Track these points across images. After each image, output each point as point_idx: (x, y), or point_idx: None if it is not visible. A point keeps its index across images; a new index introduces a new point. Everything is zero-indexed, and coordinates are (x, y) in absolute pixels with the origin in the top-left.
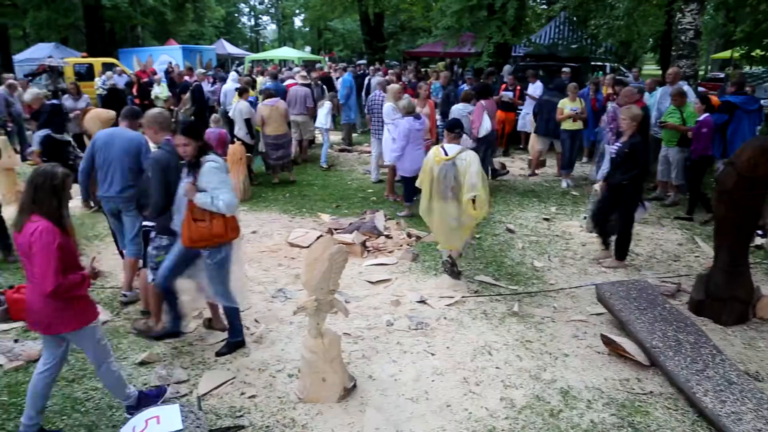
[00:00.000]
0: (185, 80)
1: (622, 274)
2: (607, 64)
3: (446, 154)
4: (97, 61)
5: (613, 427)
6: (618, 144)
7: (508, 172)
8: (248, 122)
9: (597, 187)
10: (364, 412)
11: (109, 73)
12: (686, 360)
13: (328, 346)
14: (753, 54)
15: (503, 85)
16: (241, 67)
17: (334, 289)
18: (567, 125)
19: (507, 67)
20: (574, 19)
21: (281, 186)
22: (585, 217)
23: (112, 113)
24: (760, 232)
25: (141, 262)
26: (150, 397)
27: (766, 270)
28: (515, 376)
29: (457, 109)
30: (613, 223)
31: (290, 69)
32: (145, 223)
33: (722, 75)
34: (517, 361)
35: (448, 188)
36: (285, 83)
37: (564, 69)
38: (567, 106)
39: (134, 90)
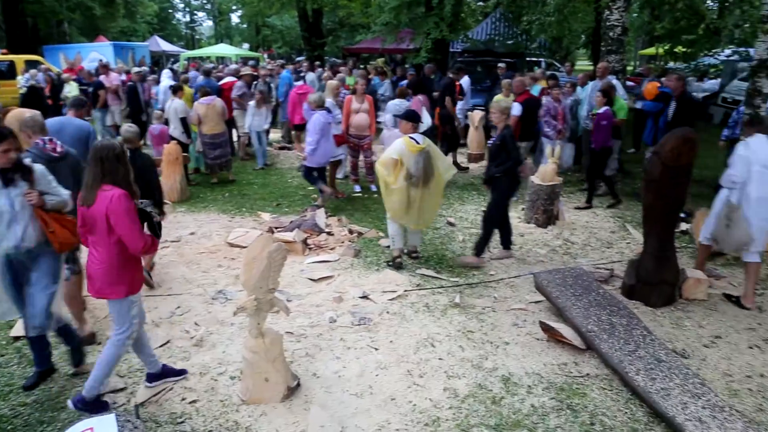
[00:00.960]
0: (95, 80)
1: (557, 263)
2: (542, 59)
3: (418, 143)
4: (19, 59)
5: (552, 410)
6: (493, 138)
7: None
8: (184, 121)
9: (532, 178)
10: (309, 410)
11: (33, 71)
12: (619, 342)
13: (269, 345)
14: (676, 50)
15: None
16: (177, 64)
17: (274, 287)
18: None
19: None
20: (510, 15)
21: (220, 186)
22: (523, 209)
23: (33, 113)
24: (683, 215)
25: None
26: (172, 372)
27: (690, 254)
28: (458, 366)
29: (393, 105)
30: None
31: (227, 66)
32: None
33: (642, 71)
34: (460, 352)
35: (424, 174)
36: (221, 81)
37: (500, 64)
38: (501, 101)
39: (47, 90)
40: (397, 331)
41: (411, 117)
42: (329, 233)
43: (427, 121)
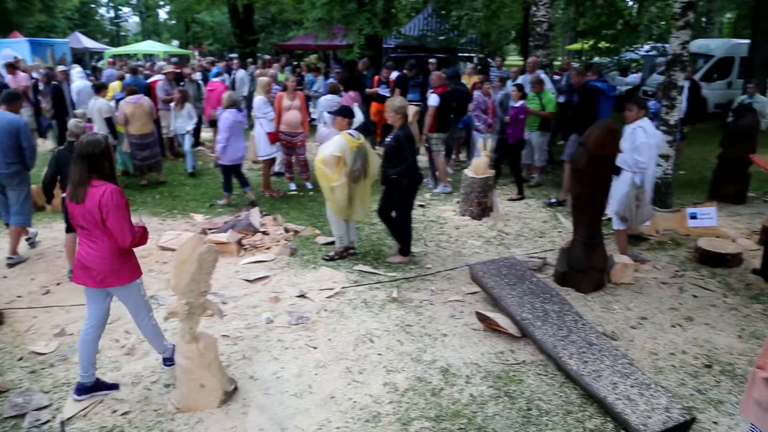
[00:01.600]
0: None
1: (492, 254)
2: (473, 54)
3: (357, 138)
4: None
5: (491, 399)
6: (388, 138)
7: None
8: (109, 121)
9: (466, 171)
10: (247, 414)
11: None
12: (553, 328)
13: (203, 350)
14: (599, 46)
15: (376, 78)
16: (101, 62)
17: (205, 290)
18: None
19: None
20: (442, 12)
21: (150, 187)
22: (458, 202)
23: None
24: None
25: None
26: (102, 386)
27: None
28: (397, 360)
29: (325, 100)
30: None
31: (155, 64)
32: None
33: (576, 65)
34: (399, 346)
35: (363, 168)
36: (150, 80)
37: (431, 60)
38: (395, 101)
39: None
40: (336, 328)
41: (346, 113)
42: (264, 233)
43: (359, 117)
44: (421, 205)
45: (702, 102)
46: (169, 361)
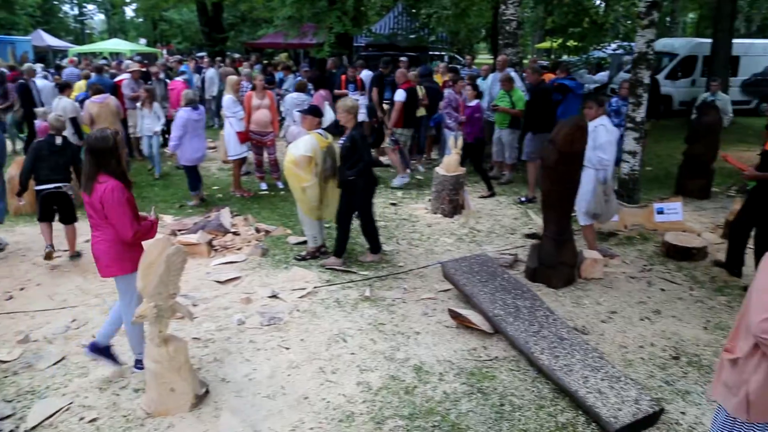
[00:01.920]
0: None
1: (464, 251)
2: (444, 53)
3: (326, 138)
4: None
5: (464, 395)
6: (342, 139)
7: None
8: (74, 121)
9: (437, 169)
10: (219, 417)
11: None
12: (524, 324)
13: (173, 353)
14: (568, 44)
15: (343, 77)
16: (65, 60)
17: (174, 292)
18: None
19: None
20: (413, 10)
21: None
22: (430, 200)
23: None
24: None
25: None
26: (107, 353)
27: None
28: (370, 359)
29: (292, 99)
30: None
31: (121, 62)
32: None
33: (546, 63)
34: (372, 345)
35: (332, 167)
36: (116, 78)
37: (402, 59)
38: (347, 101)
39: None
40: (308, 328)
41: (315, 112)
42: (235, 233)
43: (330, 116)
44: (393, 204)
45: (663, 99)
46: (140, 365)
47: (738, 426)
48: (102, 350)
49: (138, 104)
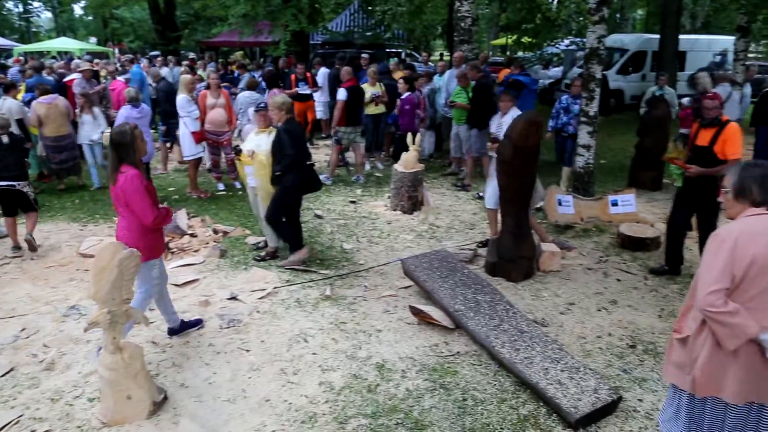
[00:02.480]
0: None
1: (424, 247)
2: (401, 50)
3: None
4: None
5: (426, 392)
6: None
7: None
8: (21, 123)
9: (396, 166)
10: (178, 423)
11: None
12: (485, 318)
13: (129, 360)
14: (522, 40)
15: (293, 76)
16: (10, 59)
17: (128, 297)
18: (370, 110)
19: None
20: (369, 8)
21: (68, 192)
22: (389, 197)
23: None
24: (563, 188)
25: None
26: (188, 326)
27: (545, 228)
28: (332, 358)
29: (243, 97)
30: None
31: (69, 62)
32: None
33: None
34: (333, 344)
35: None
36: (66, 78)
37: (363, 55)
38: (368, 90)
39: None
40: (269, 330)
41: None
42: (192, 235)
43: None
44: (353, 201)
45: (614, 94)
46: (173, 332)
47: (696, 403)
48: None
49: (77, 110)
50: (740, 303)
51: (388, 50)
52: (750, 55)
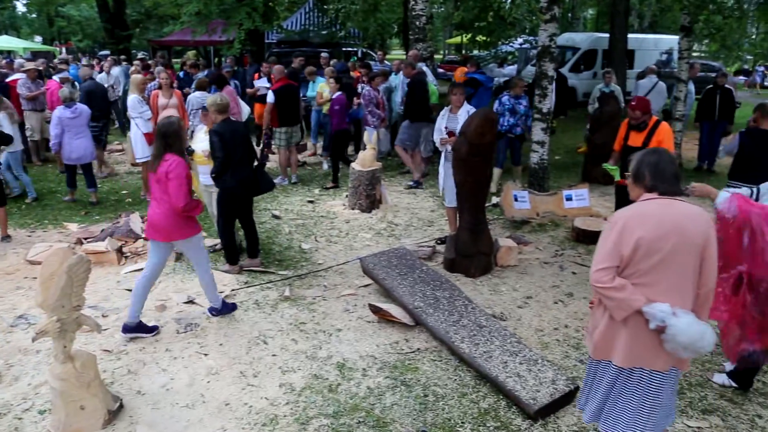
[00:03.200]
0: None
1: (383, 245)
2: (357, 48)
3: None
4: None
5: (388, 389)
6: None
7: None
8: None
9: (353, 165)
10: (135, 431)
11: None
12: (444, 314)
13: (81, 369)
14: (477, 39)
15: (256, 75)
16: None
17: (79, 304)
18: (328, 108)
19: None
20: (324, 6)
21: (15, 198)
22: (347, 196)
23: None
24: (494, 190)
25: None
26: (227, 306)
27: (502, 224)
28: (292, 359)
29: (194, 98)
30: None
31: (13, 60)
32: None
33: (456, 57)
34: (293, 345)
35: None
36: (9, 78)
37: (323, 54)
38: (325, 90)
39: None
40: (227, 332)
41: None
42: (146, 238)
43: (246, 110)
44: (311, 201)
45: (571, 92)
46: (213, 311)
47: (602, 367)
48: (134, 329)
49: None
50: (632, 279)
51: (344, 49)
52: (694, 54)
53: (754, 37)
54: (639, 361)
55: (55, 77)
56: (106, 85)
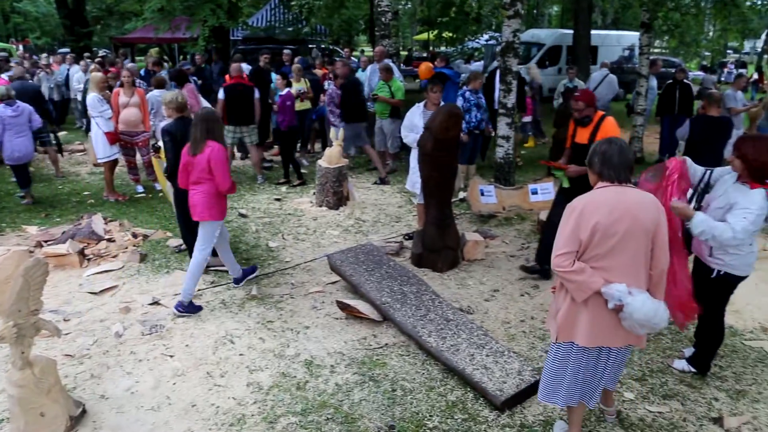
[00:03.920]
0: None
1: (351, 242)
2: (324, 45)
3: None
4: None
5: (356, 385)
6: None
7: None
8: None
9: (320, 162)
10: None
11: None
12: (412, 309)
13: (40, 375)
14: (443, 35)
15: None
16: None
17: (36, 309)
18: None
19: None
20: (290, 2)
21: None
22: (314, 193)
23: None
24: (461, 185)
25: None
26: (248, 272)
27: (469, 219)
28: (260, 358)
29: (153, 96)
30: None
31: None
32: None
33: (425, 54)
34: (261, 344)
35: None
36: None
37: (285, 51)
38: (293, 86)
39: None
40: (193, 333)
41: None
42: (110, 240)
43: (205, 105)
44: (278, 199)
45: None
46: (237, 281)
47: (563, 348)
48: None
49: None
50: (590, 263)
51: (310, 45)
52: (656, 50)
53: (711, 34)
54: (600, 340)
55: (3, 75)
56: (46, 86)
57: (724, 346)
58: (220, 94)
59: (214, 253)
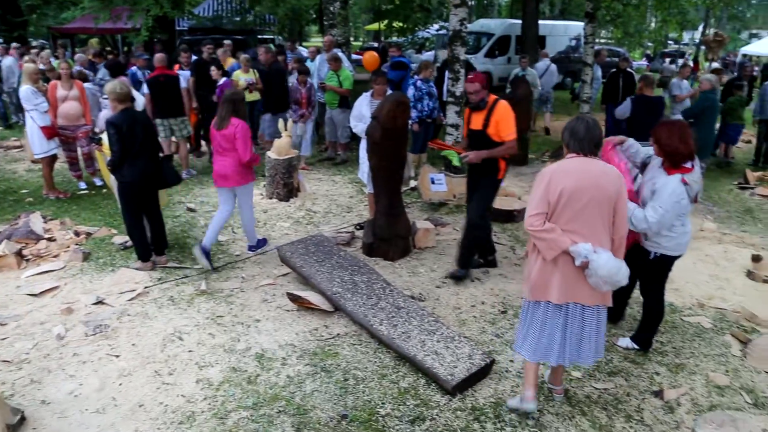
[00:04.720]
0: None
1: (302, 233)
2: (273, 36)
3: None
4: None
5: (308, 376)
6: None
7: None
8: None
9: (269, 153)
10: None
11: None
12: (363, 298)
13: None
14: (394, 25)
15: (177, 66)
16: None
17: None
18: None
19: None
20: None
21: None
22: (264, 185)
23: None
24: (412, 174)
25: None
26: (260, 243)
27: (419, 207)
28: (209, 354)
29: (86, 88)
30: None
31: None
32: None
33: (376, 44)
34: (210, 339)
35: None
36: None
37: (226, 41)
38: (241, 77)
39: None
40: (140, 332)
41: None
42: (50, 239)
43: (140, 100)
44: None
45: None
46: (252, 248)
47: (532, 307)
48: (206, 253)
49: None
50: (560, 224)
51: (259, 36)
52: (602, 41)
53: (652, 25)
54: (570, 295)
55: None
56: None
57: (665, 322)
58: (144, 89)
59: (160, 252)
